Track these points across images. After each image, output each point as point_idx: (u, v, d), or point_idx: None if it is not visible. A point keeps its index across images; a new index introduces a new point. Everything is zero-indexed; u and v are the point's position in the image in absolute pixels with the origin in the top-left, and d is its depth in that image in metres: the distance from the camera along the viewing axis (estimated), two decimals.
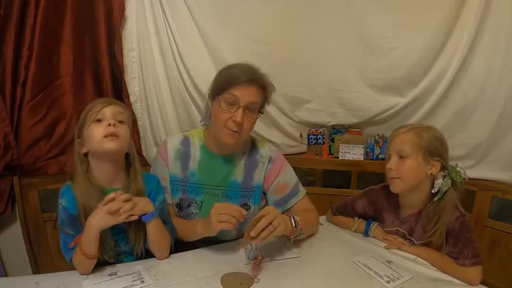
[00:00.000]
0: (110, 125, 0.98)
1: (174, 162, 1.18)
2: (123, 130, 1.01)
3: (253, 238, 0.97)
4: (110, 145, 0.98)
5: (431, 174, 1.11)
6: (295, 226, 1.07)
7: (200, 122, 1.28)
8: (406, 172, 1.11)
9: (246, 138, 1.17)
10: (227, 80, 1.09)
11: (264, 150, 1.23)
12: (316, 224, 1.30)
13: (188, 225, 1.15)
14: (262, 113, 1.16)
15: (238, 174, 1.19)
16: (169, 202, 1.19)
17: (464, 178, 1.10)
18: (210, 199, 1.18)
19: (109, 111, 1.00)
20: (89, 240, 0.95)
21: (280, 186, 1.22)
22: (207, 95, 1.20)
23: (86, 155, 1.03)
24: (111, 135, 0.98)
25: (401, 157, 1.12)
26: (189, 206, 1.19)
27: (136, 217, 0.97)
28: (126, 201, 0.95)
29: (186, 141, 1.22)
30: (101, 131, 0.98)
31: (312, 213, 1.26)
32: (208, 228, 1.03)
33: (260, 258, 1.03)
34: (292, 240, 1.11)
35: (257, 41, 1.66)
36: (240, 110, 1.06)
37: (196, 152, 1.19)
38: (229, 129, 1.08)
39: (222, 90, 1.09)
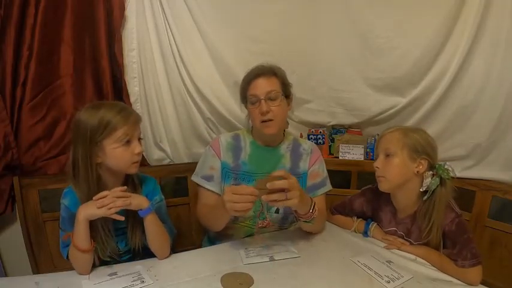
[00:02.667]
0: (139, 153, 1.05)
1: (226, 152, 1.30)
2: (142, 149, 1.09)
3: (266, 193, 0.98)
4: (135, 170, 1.08)
5: (418, 172, 1.11)
6: (312, 211, 1.12)
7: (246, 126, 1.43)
8: (391, 170, 1.13)
9: (284, 124, 1.30)
10: (243, 87, 1.28)
11: (306, 145, 1.38)
12: (322, 225, 1.34)
13: (214, 208, 1.20)
14: (289, 96, 1.30)
15: (285, 162, 1.32)
16: (216, 190, 1.28)
17: (452, 176, 1.10)
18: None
19: (137, 135, 1.06)
20: (78, 230, 0.97)
21: (314, 174, 1.34)
22: (242, 106, 1.35)
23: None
24: (138, 162, 1.06)
25: (387, 156, 1.14)
26: None
27: (122, 218, 0.99)
28: (119, 197, 0.98)
29: (236, 137, 1.36)
30: (129, 156, 1.03)
31: (323, 213, 1.31)
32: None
33: (267, 222, 1.13)
34: (301, 222, 1.15)
35: (257, 41, 1.66)
36: (262, 102, 1.21)
37: (246, 145, 1.33)
38: (263, 121, 1.22)
39: (244, 96, 1.28)
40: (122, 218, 0.99)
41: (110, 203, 0.96)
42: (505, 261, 1.41)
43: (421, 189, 1.12)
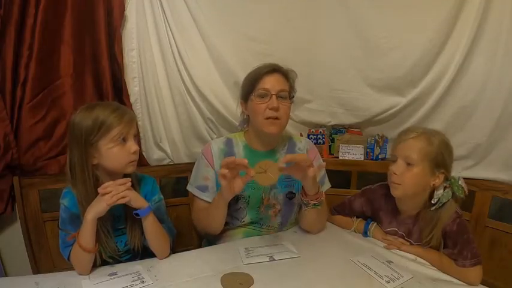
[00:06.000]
0: (135, 152, 1.04)
1: (218, 160, 1.25)
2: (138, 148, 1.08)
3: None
4: (132, 169, 1.07)
5: (433, 185, 1.10)
6: (319, 192, 1.14)
7: (238, 126, 1.38)
8: (409, 180, 1.10)
9: (285, 126, 1.25)
10: (253, 78, 1.21)
11: (302, 144, 1.35)
12: (324, 222, 1.33)
13: (210, 205, 1.22)
14: (293, 99, 1.26)
15: None
16: (211, 201, 1.24)
17: (465, 192, 1.09)
18: (257, 192, 1.25)
19: (132, 133, 1.05)
20: (85, 230, 0.97)
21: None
22: (239, 103, 1.31)
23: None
24: (135, 161, 1.06)
25: (408, 164, 1.10)
26: (237, 201, 1.24)
27: (127, 199, 0.99)
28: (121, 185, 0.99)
29: (229, 142, 1.30)
30: (125, 155, 1.03)
31: (324, 211, 1.31)
32: (220, 191, 1.09)
33: (278, 208, 1.16)
34: (310, 206, 1.15)
35: (257, 41, 1.66)
36: (274, 97, 1.17)
37: (239, 151, 1.28)
38: (269, 118, 1.18)
39: (252, 88, 1.21)
40: (127, 199, 0.99)
41: (112, 190, 0.96)
42: (505, 261, 1.41)
43: (432, 201, 1.10)
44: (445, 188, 1.09)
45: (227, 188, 1.05)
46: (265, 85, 1.19)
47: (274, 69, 1.21)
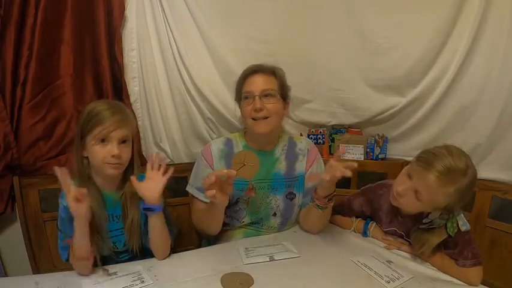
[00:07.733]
0: (114, 156, 1.00)
1: (218, 161, 1.25)
2: (126, 153, 1.04)
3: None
4: (111, 172, 1.03)
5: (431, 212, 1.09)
6: (330, 197, 1.14)
7: (241, 127, 1.40)
8: (409, 205, 1.09)
9: (278, 124, 1.23)
10: (238, 83, 1.25)
11: (302, 144, 1.34)
12: (326, 224, 1.32)
13: (207, 208, 1.20)
14: (286, 99, 1.25)
15: (280, 166, 1.27)
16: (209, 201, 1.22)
17: (457, 231, 1.05)
18: (257, 193, 1.23)
19: (116, 136, 1.01)
20: (76, 237, 0.96)
21: (313, 175, 1.29)
22: (236, 107, 1.32)
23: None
24: (114, 164, 1.01)
25: (416, 196, 1.05)
26: (236, 202, 1.23)
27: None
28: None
29: (229, 142, 1.30)
30: (104, 155, 1.00)
31: (328, 214, 1.29)
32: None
33: (251, 186, 1.19)
34: (315, 204, 1.15)
35: (257, 41, 1.66)
36: (257, 98, 1.16)
37: (239, 150, 1.25)
38: (256, 119, 1.17)
39: (239, 92, 1.24)
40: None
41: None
42: (505, 261, 1.41)
43: (424, 221, 1.09)
44: (440, 214, 1.07)
45: (220, 200, 1.03)
46: (248, 87, 1.19)
47: (255, 70, 1.21)
